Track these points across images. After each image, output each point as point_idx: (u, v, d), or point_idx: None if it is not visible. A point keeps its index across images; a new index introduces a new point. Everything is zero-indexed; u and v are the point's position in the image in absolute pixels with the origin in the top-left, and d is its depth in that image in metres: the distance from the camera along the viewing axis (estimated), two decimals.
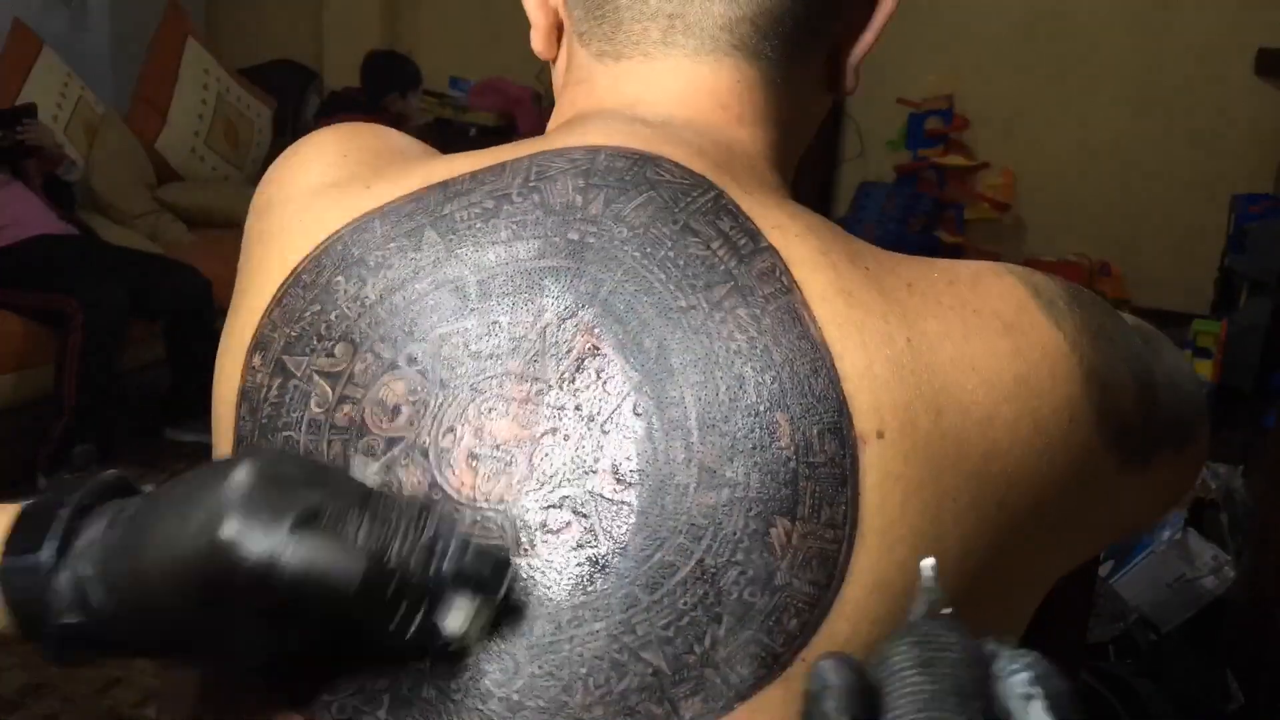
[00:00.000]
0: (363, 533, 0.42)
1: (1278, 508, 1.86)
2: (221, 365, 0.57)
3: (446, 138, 4.74)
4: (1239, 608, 1.92)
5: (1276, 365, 3.80)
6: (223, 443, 0.56)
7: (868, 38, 0.62)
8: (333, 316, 0.54)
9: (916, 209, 4.62)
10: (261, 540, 0.40)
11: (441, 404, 0.51)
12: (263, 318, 0.55)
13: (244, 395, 0.55)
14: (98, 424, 3.05)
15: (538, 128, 0.62)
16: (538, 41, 0.63)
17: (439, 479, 0.50)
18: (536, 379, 0.50)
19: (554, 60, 0.64)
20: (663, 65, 0.57)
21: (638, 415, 0.48)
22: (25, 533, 0.46)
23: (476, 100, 4.89)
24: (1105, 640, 1.86)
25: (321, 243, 0.55)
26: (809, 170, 4.76)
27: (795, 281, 0.50)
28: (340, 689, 0.49)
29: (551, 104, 0.64)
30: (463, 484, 0.49)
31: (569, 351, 0.50)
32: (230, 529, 0.40)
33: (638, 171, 0.53)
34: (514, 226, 0.53)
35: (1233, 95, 4.34)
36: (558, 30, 0.62)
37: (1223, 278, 4.15)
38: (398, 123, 4.15)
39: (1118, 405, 0.52)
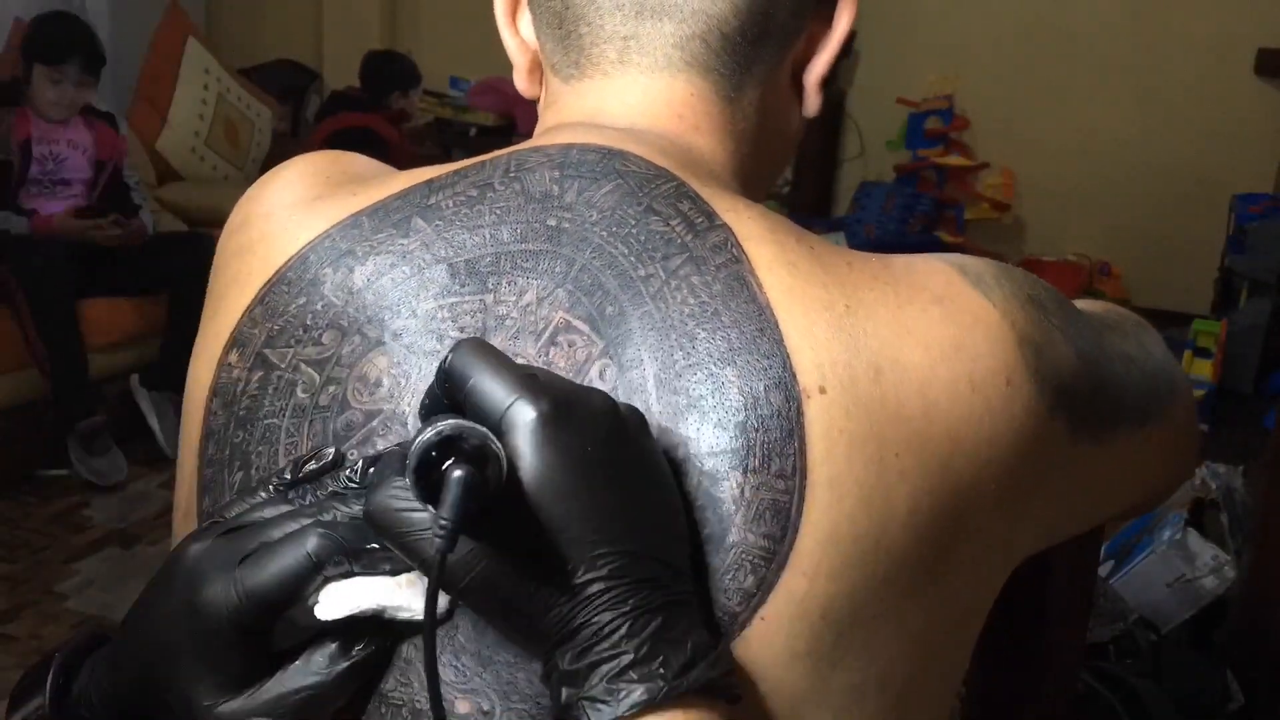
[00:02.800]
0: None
1: (1278, 508, 1.86)
2: (194, 370, 0.58)
3: (446, 138, 4.74)
4: (1239, 608, 1.92)
5: (1276, 365, 3.80)
6: (190, 440, 0.57)
7: (824, 57, 0.63)
8: (319, 306, 0.55)
9: (916, 209, 4.62)
10: (222, 584, 0.47)
11: (425, 374, 0.52)
12: (242, 317, 0.57)
13: (216, 392, 0.56)
14: (84, 397, 3.00)
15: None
16: (519, 81, 0.67)
17: None
18: (517, 355, 0.52)
19: (538, 99, 0.67)
20: (620, 81, 0.60)
21: (604, 379, 0.51)
22: (24, 690, 0.52)
23: (476, 100, 4.89)
24: (1105, 640, 1.86)
25: (308, 243, 0.57)
26: (809, 170, 4.76)
27: (744, 253, 0.53)
28: None
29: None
30: None
31: (545, 329, 0.52)
32: (205, 593, 0.47)
33: (606, 163, 0.56)
34: (498, 212, 0.55)
35: (1233, 95, 4.34)
36: (539, 70, 0.66)
37: (1223, 278, 4.15)
38: (400, 120, 4.16)
39: (1056, 369, 0.54)
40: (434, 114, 4.84)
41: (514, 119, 4.81)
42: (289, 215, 0.59)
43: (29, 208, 3.09)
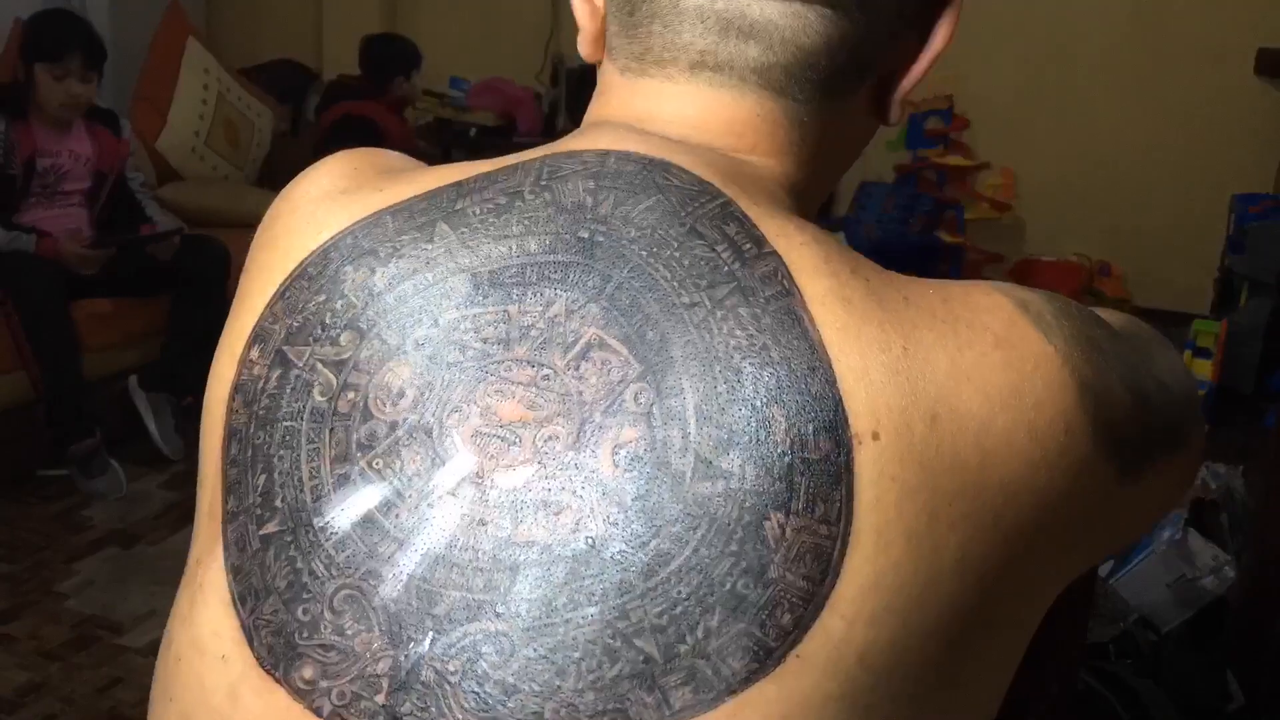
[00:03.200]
0: None
1: (1278, 508, 1.86)
2: (217, 365, 0.57)
3: (446, 138, 4.74)
4: (1239, 608, 1.92)
5: (1276, 365, 3.80)
6: (212, 438, 0.56)
7: (916, 72, 0.60)
8: (338, 305, 0.54)
9: (916, 209, 4.62)
10: None
11: (448, 385, 0.51)
12: (264, 311, 0.56)
13: (238, 389, 0.55)
14: (80, 414, 2.99)
15: (538, 128, 0.64)
16: (584, 46, 0.63)
17: (441, 456, 0.50)
18: (543, 365, 0.50)
19: (599, 64, 0.64)
20: (682, 89, 0.57)
21: (638, 403, 0.49)
22: None
23: (476, 100, 4.89)
24: (1105, 640, 1.86)
25: (331, 237, 0.56)
26: None
27: (796, 285, 0.50)
28: (340, 675, 0.49)
29: (552, 104, 0.65)
30: (466, 462, 0.50)
31: (575, 341, 0.50)
32: None
33: (646, 176, 0.54)
34: (526, 222, 0.53)
35: (1233, 95, 4.34)
36: (604, 37, 0.62)
37: (1223, 278, 4.15)
38: (402, 105, 4.12)
39: (1112, 415, 0.52)
40: (434, 114, 4.83)
41: (514, 119, 4.81)
42: (314, 208, 0.58)
43: (26, 222, 3.08)
